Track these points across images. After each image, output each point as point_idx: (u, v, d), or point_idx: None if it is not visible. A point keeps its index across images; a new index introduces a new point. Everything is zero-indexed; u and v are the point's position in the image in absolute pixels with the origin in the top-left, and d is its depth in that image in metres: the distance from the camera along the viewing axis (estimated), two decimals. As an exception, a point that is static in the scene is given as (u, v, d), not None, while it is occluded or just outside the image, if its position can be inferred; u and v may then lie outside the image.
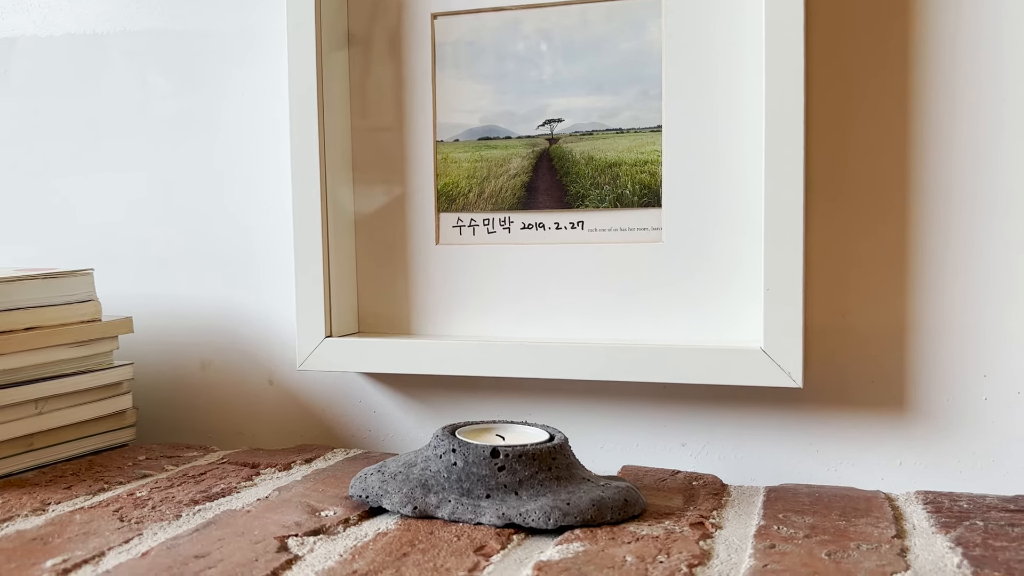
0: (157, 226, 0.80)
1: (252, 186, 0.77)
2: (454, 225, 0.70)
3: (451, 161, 0.70)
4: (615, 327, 0.67)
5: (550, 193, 0.68)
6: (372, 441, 0.75)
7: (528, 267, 0.69)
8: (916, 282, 0.62)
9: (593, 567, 0.45)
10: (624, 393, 0.68)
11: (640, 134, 0.66)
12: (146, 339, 0.80)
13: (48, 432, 0.66)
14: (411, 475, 0.54)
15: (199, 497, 0.57)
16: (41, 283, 0.66)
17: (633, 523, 0.52)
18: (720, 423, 0.67)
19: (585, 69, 0.67)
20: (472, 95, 0.69)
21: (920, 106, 0.62)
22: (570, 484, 0.53)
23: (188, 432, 0.80)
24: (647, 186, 0.66)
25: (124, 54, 0.80)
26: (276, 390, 0.77)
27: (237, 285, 0.78)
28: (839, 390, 0.64)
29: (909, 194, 0.62)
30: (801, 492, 0.58)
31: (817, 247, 0.64)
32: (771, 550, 0.47)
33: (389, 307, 0.73)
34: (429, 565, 0.45)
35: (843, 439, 0.64)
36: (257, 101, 0.76)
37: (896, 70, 0.62)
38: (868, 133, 0.63)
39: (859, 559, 0.46)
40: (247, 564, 0.45)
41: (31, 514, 0.54)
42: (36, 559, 0.46)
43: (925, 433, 0.63)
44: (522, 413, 0.71)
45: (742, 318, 0.64)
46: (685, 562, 0.45)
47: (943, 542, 0.48)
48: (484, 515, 0.51)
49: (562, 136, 0.67)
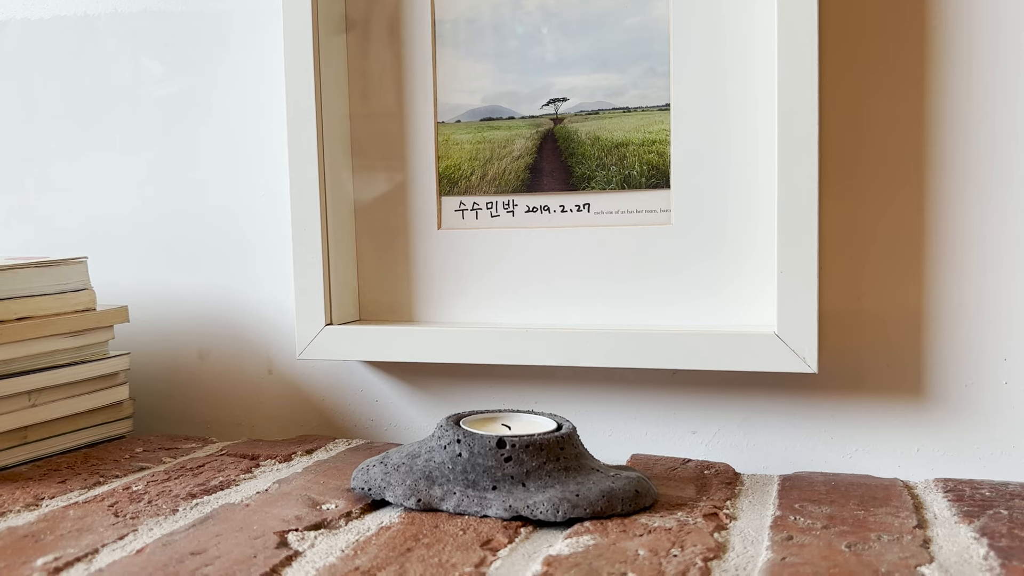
0: (152, 213, 0.78)
1: (249, 172, 0.75)
2: (456, 209, 0.69)
3: (453, 143, 0.68)
4: (623, 312, 0.65)
5: (555, 175, 0.66)
6: (375, 431, 0.73)
7: (533, 252, 0.67)
8: (933, 264, 0.60)
9: (605, 562, 0.43)
10: (633, 380, 0.67)
11: (648, 113, 0.64)
12: (142, 328, 0.78)
13: (42, 424, 0.64)
14: (415, 467, 0.53)
15: (197, 491, 0.55)
16: (33, 271, 0.65)
17: (645, 515, 0.50)
18: (731, 410, 0.65)
19: (590, 46, 0.64)
20: (473, 74, 0.67)
21: (937, 83, 0.59)
22: (579, 475, 0.51)
23: (187, 423, 0.78)
24: (655, 167, 0.64)
25: (115, 36, 0.78)
26: (276, 379, 0.76)
27: (235, 273, 0.76)
28: (854, 375, 0.62)
29: (926, 173, 0.60)
30: (816, 481, 0.56)
31: (831, 228, 0.62)
32: (789, 542, 0.45)
33: (390, 294, 0.71)
34: (434, 560, 0.44)
35: (858, 426, 0.63)
36: (254, 84, 0.74)
37: (912, 46, 0.60)
38: (884, 110, 0.61)
39: (881, 551, 0.44)
40: (245, 561, 0.44)
41: (24, 510, 0.53)
42: (27, 557, 0.45)
43: (943, 419, 0.61)
44: (528, 402, 0.69)
45: (754, 302, 0.62)
46: (700, 555, 0.44)
47: (967, 532, 0.46)
48: (490, 507, 0.50)
49: (567, 116, 0.65)
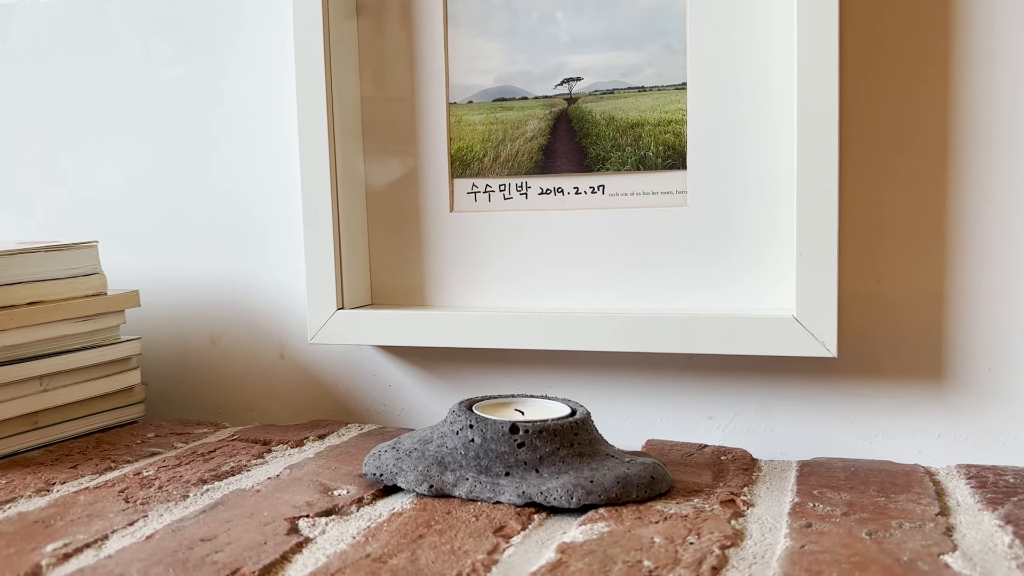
0: (162, 197, 0.78)
1: (260, 155, 0.74)
2: (469, 191, 0.68)
3: (465, 124, 0.67)
4: (638, 295, 0.64)
5: (569, 156, 0.65)
6: (387, 416, 0.73)
7: (546, 234, 0.66)
8: (954, 245, 0.59)
9: (620, 549, 0.42)
10: (648, 364, 0.66)
11: (664, 92, 0.62)
12: (153, 313, 0.78)
13: (54, 409, 0.64)
14: (427, 452, 0.52)
15: (207, 476, 0.55)
16: (43, 256, 0.64)
17: (660, 501, 0.49)
18: (748, 395, 0.64)
19: (604, 24, 0.63)
20: (486, 54, 0.66)
21: (961, 59, 0.58)
22: (593, 460, 0.50)
23: (199, 408, 0.78)
24: (671, 147, 0.63)
25: (125, 18, 0.78)
26: (288, 364, 0.75)
27: (247, 257, 0.76)
28: (873, 359, 0.61)
29: (948, 153, 0.59)
30: (836, 467, 0.55)
31: (850, 210, 0.60)
32: (808, 529, 0.45)
33: (402, 278, 0.70)
34: (446, 547, 0.43)
35: (878, 411, 0.61)
36: (265, 67, 0.74)
37: (936, 22, 0.58)
38: (906, 88, 0.59)
39: (902, 539, 0.43)
40: (255, 547, 0.43)
41: (35, 495, 0.52)
42: (37, 543, 0.44)
43: (965, 403, 0.60)
44: (542, 386, 0.68)
45: (773, 285, 0.61)
46: (717, 543, 0.43)
47: (991, 520, 0.45)
48: (503, 494, 0.49)
49: (581, 95, 0.64)
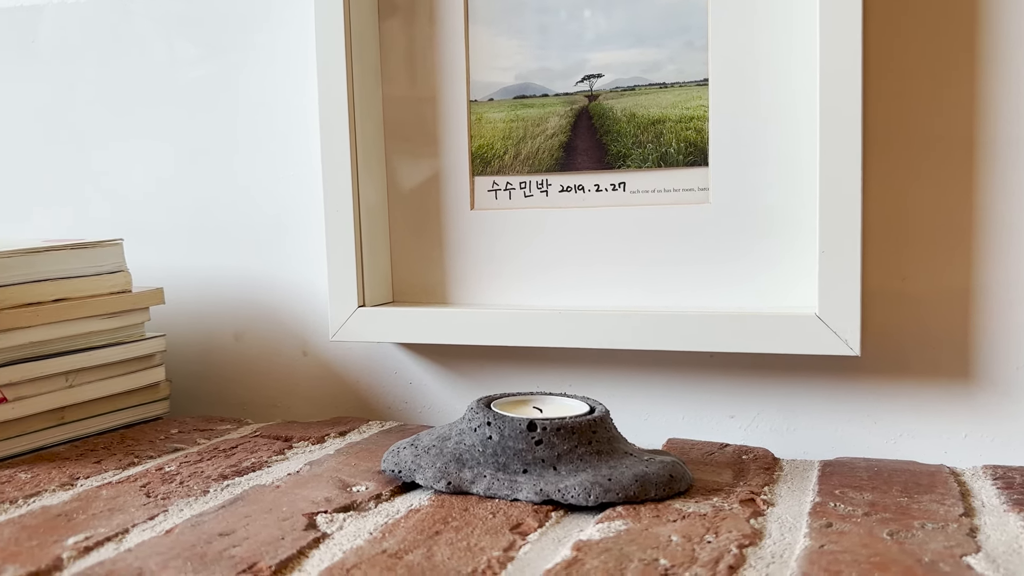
0: (187, 195, 0.78)
1: (283, 154, 0.75)
2: (489, 189, 0.68)
3: (485, 121, 0.67)
4: (659, 294, 0.64)
5: (590, 153, 0.65)
6: (408, 413, 0.73)
7: (567, 232, 0.66)
8: (982, 243, 0.58)
9: (636, 547, 0.42)
10: (669, 363, 0.65)
11: (685, 88, 0.62)
12: (178, 310, 0.78)
13: (79, 405, 0.65)
14: (445, 449, 0.52)
15: (228, 472, 0.55)
16: (69, 253, 0.65)
17: (679, 500, 0.49)
18: (771, 394, 0.63)
19: (625, 20, 0.63)
20: (506, 51, 0.66)
21: (987, 52, 0.57)
22: (611, 459, 0.50)
23: (222, 404, 0.78)
24: (693, 144, 0.62)
25: (150, 19, 0.78)
26: (310, 361, 0.76)
27: (270, 255, 0.76)
28: (898, 358, 0.60)
29: (974, 149, 0.58)
30: (858, 466, 0.55)
31: (875, 207, 0.60)
32: (828, 529, 0.44)
33: (423, 275, 0.70)
34: (463, 544, 0.43)
35: (903, 410, 0.61)
36: (287, 65, 0.74)
37: (961, 17, 0.57)
38: (931, 83, 0.58)
39: (924, 539, 0.42)
40: (273, 542, 0.43)
41: (59, 489, 0.53)
42: (59, 536, 0.45)
43: (992, 403, 0.59)
44: (561, 384, 0.68)
45: (795, 283, 0.61)
46: (735, 542, 0.43)
47: (1016, 521, 0.45)
48: (521, 491, 0.49)
49: (602, 92, 0.64)
